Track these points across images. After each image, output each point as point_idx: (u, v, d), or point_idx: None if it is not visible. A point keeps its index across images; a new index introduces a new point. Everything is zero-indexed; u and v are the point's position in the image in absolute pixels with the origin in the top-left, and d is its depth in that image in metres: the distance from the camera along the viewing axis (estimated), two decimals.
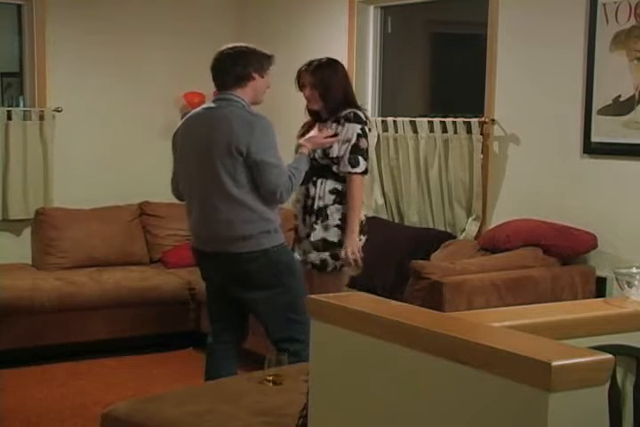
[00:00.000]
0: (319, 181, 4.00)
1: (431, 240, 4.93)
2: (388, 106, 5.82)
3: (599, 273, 4.35)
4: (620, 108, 4.30)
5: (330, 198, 3.99)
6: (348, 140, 3.97)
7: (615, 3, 4.26)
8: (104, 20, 6.09)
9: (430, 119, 5.15)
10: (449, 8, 5.58)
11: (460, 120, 4.99)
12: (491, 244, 4.52)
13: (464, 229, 5.02)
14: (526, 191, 4.76)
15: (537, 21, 4.67)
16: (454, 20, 5.79)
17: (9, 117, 5.75)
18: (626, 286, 2.32)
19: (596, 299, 3.86)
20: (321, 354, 2.07)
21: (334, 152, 3.98)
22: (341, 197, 3.99)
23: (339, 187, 4.00)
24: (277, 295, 3.74)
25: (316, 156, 3.99)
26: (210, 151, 3.66)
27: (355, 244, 4.01)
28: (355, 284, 5.02)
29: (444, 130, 5.06)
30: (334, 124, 4.03)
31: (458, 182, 5.02)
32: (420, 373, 1.80)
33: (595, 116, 4.40)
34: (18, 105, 5.93)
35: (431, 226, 5.19)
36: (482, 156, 4.91)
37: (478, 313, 2.36)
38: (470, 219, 5.00)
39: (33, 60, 5.91)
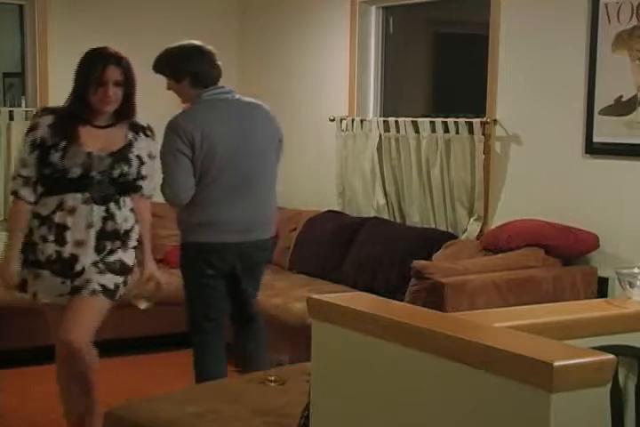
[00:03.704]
0: (122, 199, 3.48)
1: (433, 240, 4.93)
2: (390, 106, 5.82)
3: (601, 273, 4.35)
4: (621, 108, 4.29)
5: (132, 217, 3.53)
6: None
7: (617, 3, 4.26)
8: (106, 20, 6.09)
9: (432, 119, 5.14)
10: (451, 8, 5.58)
11: (461, 120, 4.99)
12: (492, 244, 4.51)
13: (466, 230, 5.01)
14: (528, 191, 4.76)
15: (539, 21, 4.66)
16: (456, 20, 5.78)
17: (11, 118, 5.75)
18: (628, 286, 2.32)
19: (597, 299, 3.84)
20: (322, 354, 2.07)
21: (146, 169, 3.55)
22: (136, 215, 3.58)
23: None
24: (262, 276, 4.11)
25: (125, 170, 3.46)
26: (260, 143, 3.86)
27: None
28: (356, 285, 5.03)
29: (446, 130, 5.05)
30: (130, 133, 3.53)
31: (459, 182, 5.01)
32: (421, 373, 1.79)
33: (596, 117, 4.39)
34: (20, 105, 5.93)
35: (433, 226, 5.18)
36: (484, 156, 4.90)
37: (480, 313, 2.35)
38: (472, 219, 4.99)
39: (35, 61, 5.91)
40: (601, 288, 4.33)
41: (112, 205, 3.41)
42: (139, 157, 3.46)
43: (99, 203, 3.38)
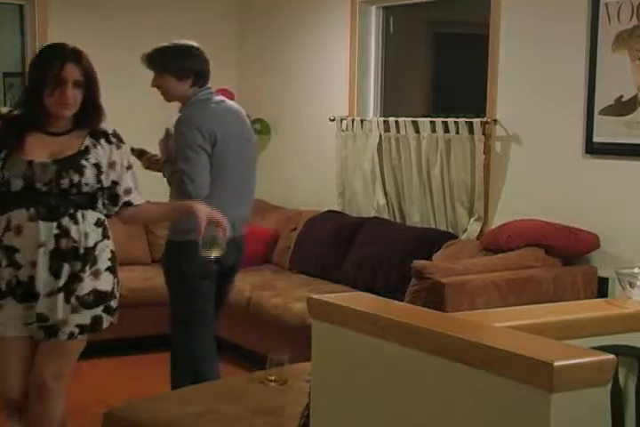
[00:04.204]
0: (79, 213, 3.00)
1: (433, 240, 4.93)
2: (390, 106, 5.82)
3: (601, 273, 4.35)
4: (622, 108, 4.29)
5: (97, 233, 3.06)
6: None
7: (617, 2, 4.26)
8: (106, 20, 6.09)
9: (432, 119, 5.14)
10: (451, 8, 5.58)
11: (462, 120, 4.99)
12: (493, 244, 4.51)
13: (466, 230, 5.01)
14: (528, 191, 4.76)
15: (539, 21, 4.66)
16: (456, 19, 5.79)
17: None
18: (628, 286, 2.32)
19: (598, 299, 3.84)
20: (322, 354, 2.07)
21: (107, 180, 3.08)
22: (106, 230, 3.13)
23: (101, 217, 3.11)
24: None
25: (76, 180, 2.97)
26: (251, 142, 4.06)
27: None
28: (356, 285, 5.02)
29: (446, 130, 5.05)
30: (89, 139, 3.09)
31: (460, 182, 5.01)
32: (421, 373, 1.79)
33: (597, 117, 4.39)
34: None
35: (433, 226, 5.18)
36: (484, 156, 4.90)
37: (480, 313, 2.35)
38: (472, 219, 4.99)
39: None
40: (601, 288, 4.33)
41: (65, 220, 2.95)
42: (97, 165, 2.99)
43: (46, 219, 2.92)
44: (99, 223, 3.05)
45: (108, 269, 3.08)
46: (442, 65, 5.97)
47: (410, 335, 1.81)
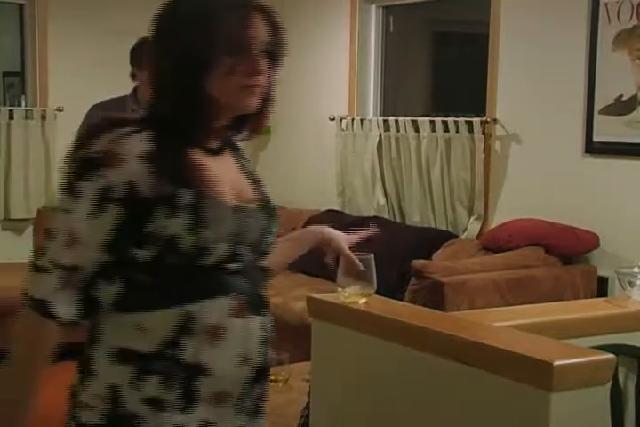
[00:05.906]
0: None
1: (433, 240, 4.93)
2: (390, 105, 5.82)
3: (601, 273, 4.35)
4: (621, 107, 4.29)
5: None
6: None
7: (617, 2, 4.26)
8: (106, 20, 6.09)
9: (432, 119, 5.14)
10: (451, 7, 5.58)
11: (461, 120, 4.99)
12: (492, 243, 4.52)
13: (466, 229, 5.01)
14: (528, 191, 4.76)
15: (539, 21, 4.66)
16: (456, 19, 5.79)
17: (11, 117, 5.75)
18: (627, 285, 2.33)
19: (597, 298, 3.86)
20: (322, 353, 2.07)
21: None
22: None
23: None
24: None
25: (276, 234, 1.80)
26: None
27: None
28: None
29: (446, 129, 5.05)
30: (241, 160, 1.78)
31: (459, 182, 5.01)
32: (421, 372, 1.79)
33: (597, 116, 4.39)
34: (20, 104, 5.93)
35: (433, 225, 5.18)
36: (483, 155, 4.91)
37: (480, 313, 2.36)
38: (472, 218, 4.99)
39: (35, 60, 5.91)
40: (601, 288, 4.33)
41: (268, 311, 1.66)
42: None
43: (256, 311, 1.61)
44: None
45: None
46: (442, 64, 5.97)
47: (410, 335, 1.81)
